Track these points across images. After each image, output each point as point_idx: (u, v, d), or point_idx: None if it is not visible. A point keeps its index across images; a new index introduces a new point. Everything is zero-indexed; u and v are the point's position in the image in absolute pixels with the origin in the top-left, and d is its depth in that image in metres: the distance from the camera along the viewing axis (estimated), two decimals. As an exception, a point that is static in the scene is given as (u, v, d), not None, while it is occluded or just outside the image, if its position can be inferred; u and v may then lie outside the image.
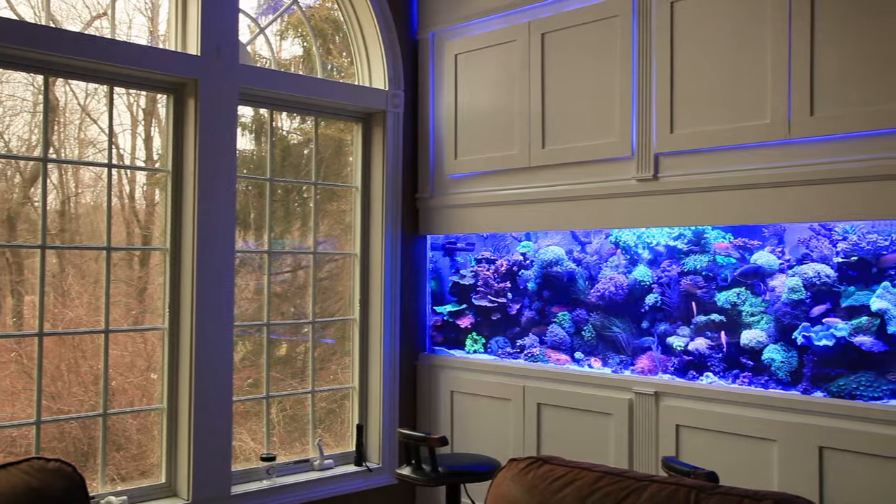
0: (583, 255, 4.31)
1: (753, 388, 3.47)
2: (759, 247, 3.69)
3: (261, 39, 4.35)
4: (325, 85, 4.38)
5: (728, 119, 3.43)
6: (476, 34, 4.43)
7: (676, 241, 3.91)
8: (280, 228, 4.47)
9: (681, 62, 3.58)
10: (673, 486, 2.00)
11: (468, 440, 4.42)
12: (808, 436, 3.18)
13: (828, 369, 3.29)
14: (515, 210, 4.23)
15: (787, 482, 3.20)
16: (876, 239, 3.31)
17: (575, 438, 3.93)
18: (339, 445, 4.57)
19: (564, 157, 4.00)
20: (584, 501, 2.05)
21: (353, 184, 4.66)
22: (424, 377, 4.68)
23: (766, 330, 3.55)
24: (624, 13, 3.77)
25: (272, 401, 4.34)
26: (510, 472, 2.23)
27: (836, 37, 3.14)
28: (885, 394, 3.13)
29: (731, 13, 3.43)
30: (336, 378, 4.61)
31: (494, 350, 4.50)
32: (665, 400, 3.63)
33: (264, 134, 4.36)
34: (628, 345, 4.00)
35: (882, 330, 3.21)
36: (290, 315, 4.49)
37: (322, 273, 4.61)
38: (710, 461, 3.33)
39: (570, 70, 3.99)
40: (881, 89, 3.03)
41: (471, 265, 4.78)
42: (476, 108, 4.43)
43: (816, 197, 3.21)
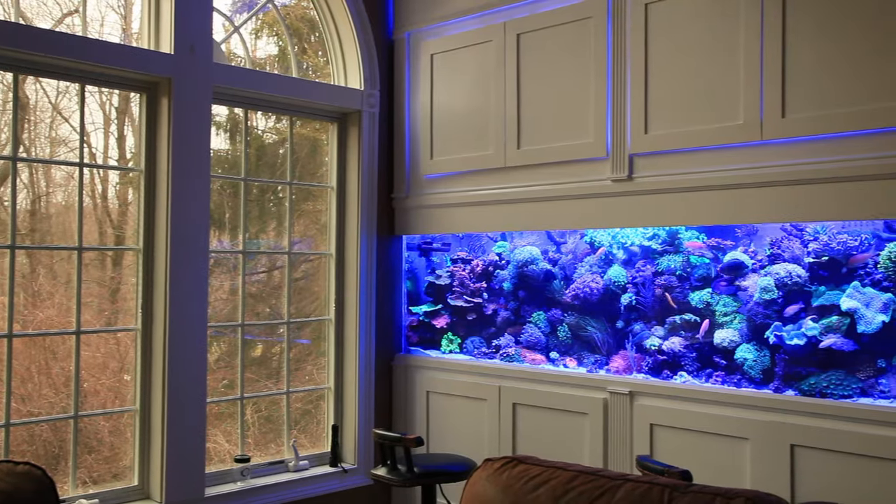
0: (558, 256, 4.32)
1: (726, 387, 3.50)
2: (733, 247, 3.73)
3: (236, 38, 4.32)
4: (301, 84, 4.36)
5: (701, 120, 3.46)
6: (452, 34, 4.43)
7: (651, 241, 3.93)
8: (255, 228, 4.44)
9: (655, 63, 3.61)
10: (647, 484, 2.02)
11: (444, 440, 4.42)
12: (780, 434, 3.21)
13: (799, 368, 3.33)
14: (491, 210, 4.24)
15: (760, 480, 3.24)
16: (846, 239, 3.35)
17: (550, 438, 3.94)
18: (314, 446, 4.55)
19: (540, 157, 4.01)
20: (559, 501, 2.06)
21: (328, 184, 4.64)
22: (400, 377, 4.67)
23: (738, 329, 3.58)
24: (598, 14, 3.79)
25: (247, 402, 4.32)
26: (485, 472, 2.23)
27: (807, 40, 3.17)
28: (855, 392, 3.17)
29: (704, 15, 3.45)
30: (311, 379, 4.60)
31: (470, 350, 4.50)
32: (639, 399, 3.65)
33: (239, 133, 4.33)
34: (603, 344, 4.02)
35: (852, 329, 3.25)
36: (266, 315, 4.46)
37: (297, 273, 4.59)
38: (684, 460, 3.36)
39: (545, 70, 4.01)
40: (850, 92, 3.07)
41: (446, 265, 4.78)
42: (452, 109, 4.44)
43: (788, 198, 3.24)
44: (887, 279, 3.22)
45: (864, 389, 3.18)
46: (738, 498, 1.89)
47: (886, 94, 2.98)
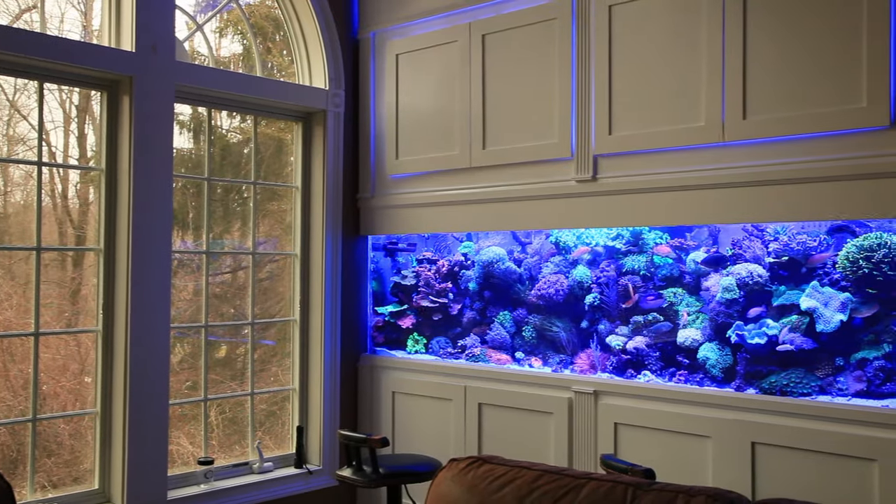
0: (523, 256, 4.34)
1: (689, 386, 3.54)
2: (696, 247, 3.77)
3: (199, 37, 4.28)
4: (265, 83, 4.33)
5: (664, 121, 3.49)
6: (417, 34, 4.43)
7: (615, 241, 3.97)
8: (219, 228, 4.40)
9: (619, 65, 3.64)
10: (610, 483, 2.03)
11: (410, 441, 4.41)
12: (741, 432, 3.26)
13: (760, 367, 3.38)
14: (457, 210, 4.25)
15: (722, 477, 3.28)
16: (805, 240, 3.41)
17: (516, 438, 3.96)
18: (279, 448, 4.52)
19: (505, 157, 4.02)
20: (523, 500, 2.07)
21: (293, 184, 4.62)
22: (366, 378, 4.66)
23: (701, 329, 3.62)
24: (563, 15, 3.81)
25: (211, 403, 4.28)
26: (450, 472, 2.23)
27: (767, 43, 3.22)
28: (814, 390, 3.23)
29: (667, 17, 3.49)
30: (276, 380, 4.56)
31: (436, 350, 4.50)
32: (604, 398, 3.68)
33: (203, 132, 4.29)
34: (568, 344, 4.04)
35: (811, 328, 3.30)
36: (230, 316, 4.42)
37: (262, 274, 4.56)
38: (648, 458, 3.39)
39: (510, 71, 4.02)
40: (809, 94, 3.12)
41: (412, 266, 4.77)
42: (417, 109, 4.43)
43: (749, 199, 3.29)
44: (845, 279, 3.28)
45: (823, 387, 3.24)
46: (699, 496, 1.91)
47: (844, 96, 3.04)
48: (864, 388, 3.14)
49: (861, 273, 3.21)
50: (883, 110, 2.94)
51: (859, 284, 3.24)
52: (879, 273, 3.18)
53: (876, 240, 3.20)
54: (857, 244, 3.24)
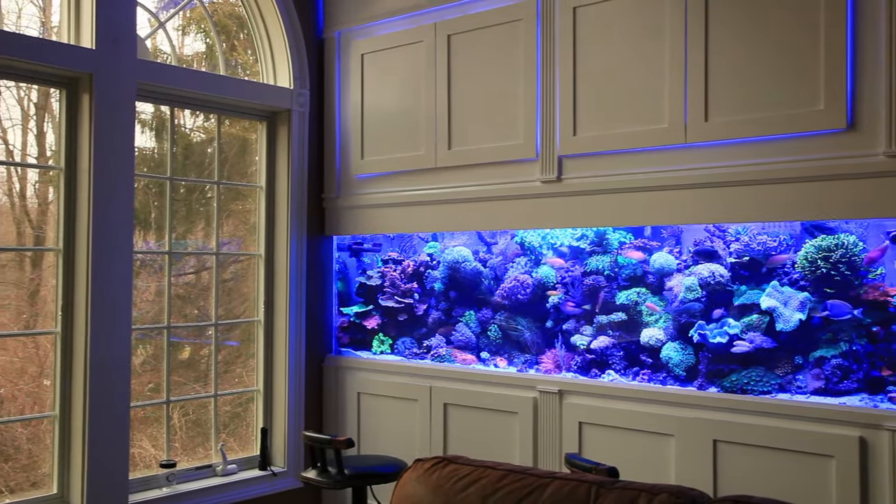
0: (489, 256, 4.35)
1: (652, 385, 3.57)
2: (659, 247, 3.81)
3: (162, 35, 4.23)
4: (228, 82, 4.29)
5: (628, 123, 3.52)
6: (382, 34, 4.42)
7: (579, 241, 3.99)
8: (182, 228, 4.35)
9: (583, 66, 3.66)
10: (574, 482, 2.04)
11: (375, 442, 4.40)
12: (703, 430, 3.30)
13: (721, 365, 3.42)
14: (422, 211, 4.24)
15: (684, 475, 3.31)
16: (765, 240, 3.46)
17: (481, 437, 3.96)
18: (243, 450, 4.48)
19: (470, 158, 4.03)
20: (488, 500, 2.07)
21: (257, 183, 4.58)
22: (331, 379, 4.64)
23: (664, 328, 3.66)
24: (528, 17, 3.82)
25: (175, 406, 4.23)
26: (415, 473, 2.23)
27: (729, 46, 3.26)
28: (774, 388, 3.28)
29: (631, 20, 3.52)
30: (241, 381, 4.52)
31: (401, 351, 4.50)
32: (568, 398, 3.70)
33: (165, 131, 4.23)
34: (533, 344, 4.06)
35: (771, 327, 3.35)
36: (194, 317, 4.37)
37: (226, 274, 4.51)
38: (612, 457, 3.42)
39: (475, 72, 4.03)
40: (769, 97, 3.16)
41: (378, 266, 4.76)
42: (382, 109, 4.42)
43: (711, 199, 3.33)
44: (804, 279, 3.33)
45: (783, 385, 3.29)
46: (662, 493, 1.93)
47: (802, 100, 3.09)
48: (822, 385, 3.19)
49: (819, 273, 3.27)
50: (839, 113, 3.00)
51: (818, 284, 3.29)
52: (837, 273, 3.24)
53: (833, 240, 3.26)
54: (816, 244, 3.30)
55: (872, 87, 2.96)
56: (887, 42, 2.93)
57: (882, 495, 2.91)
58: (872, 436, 2.94)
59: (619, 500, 1.94)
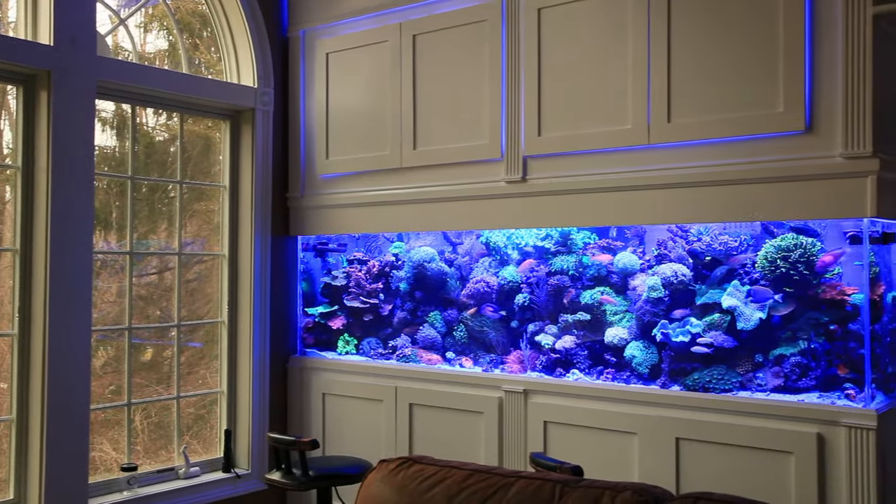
0: (454, 256, 4.35)
1: (616, 383, 3.60)
2: (623, 247, 3.84)
3: (123, 32, 4.17)
4: (191, 81, 4.25)
5: (592, 124, 3.55)
6: (347, 33, 4.40)
7: (544, 241, 4.01)
8: (144, 228, 4.30)
9: (548, 67, 3.68)
10: (539, 481, 2.05)
11: (340, 442, 4.38)
12: (666, 428, 3.33)
13: (684, 364, 3.46)
14: (387, 211, 4.23)
15: (647, 473, 3.34)
16: (727, 240, 3.51)
17: (447, 437, 3.97)
18: (207, 452, 4.44)
19: (436, 158, 4.03)
20: (453, 500, 2.07)
21: (221, 183, 4.53)
22: (295, 380, 4.61)
23: (628, 328, 3.69)
24: (493, 17, 3.83)
25: (136, 408, 4.17)
26: (380, 474, 2.23)
27: (690, 49, 3.30)
28: (735, 386, 3.32)
29: (595, 21, 3.54)
30: (205, 382, 4.48)
31: (366, 351, 4.48)
32: (533, 397, 3.71)
33: (126, 130, 4.17)
34: (498, 344, 4.07)
35: (732, 326, 3.40)
36: (156, 318, 4.32)
37: (190, 275, 4.46)
38: (577, 455, 3.43)
39: (441, 72, 4.03)
40: (730, 100, 3.21)
41: (343, 266, 4.74)
42: (348, 108, 4.41)
43: (674, 200, 3.36)
44: (764, 278, 3.38)
45: (744, 383, 3.33)
46: (625, 491, 1.95)
47: (762, 102, 3.13)
48: (782, 383, 3.24)
49: (779, 272, 3.32)
50: (798, 115, 3.05)
51: (777, 283, 3.34)
52: (796, 272, 3.29)
53: (792, 240, 3.31)
54: (775, 244, 3.35)
55: (830, 90, 3.01)
56: (844, 47, 2.98)
57: (839, 490, 2.97)
58: (830, 432, 2.99)
59: (583, 499, 1.95)
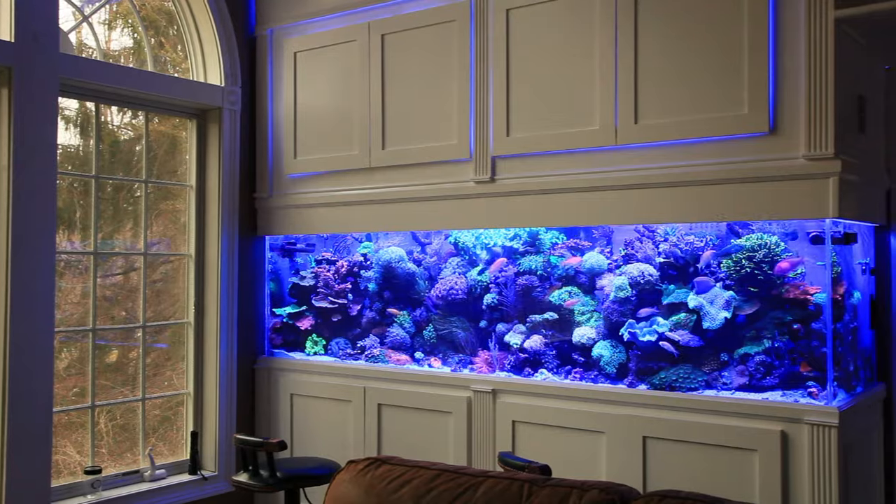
0: (423, 256, 4.35)
1: (584, 383, 3.62)
2: (591, 247, 3.86)
3: (87, 29, 4.11)
4: (156, 79, 4.20)
5: (560, 124, 3.57)
6: (315, 33, 4.38)
7: (513, 241, 4.02)
8: (109, 228, 4.24)
9: (516, 67, 3.69)
10: (507, 480, 2.06)
11: (309, 444, 4.36)
12: (633, 427, 3.36)
13: (651, 363, 3.49)
14: (356, 211, 4.22)
15: (614, 471, 3.37)
16: (693, 240, 3.54)
17: (415, 438, 3.96)
18: (173, 454, 4.39)
19: (404, 158, 4.03)
20: (421, 500, 2.07)
21: (187, 182, 4.49)
22: (263, 381, 4.58)
23: (595, 327, 3.72)
24: (462, 18, 3.84)
25: (101, 410, 4.11)
26: (348, 474, 2.22)
27: (657, 51, 3.33)
28: (701, 385, 3.36)
29: (563, 22, 3.56)
30: (171, 384, 4.43)
31: (335, 352, 4.47)
32: (502, 397, 3.72)
33: (91, 128, 4.12)
34: (467, 344, 4.08)
35: (698, 325, 3.44)
36: (121, 319, 4.26)
37: (156, 275, 4.41)
38: (545, 454, 3.45)
39: (410, 72, 4.03)
40: (696, 101, 3.24)
41: (311, 266, 4.72)
42: (316, 108, 4.39)
43: (641, 201, 3.39)
44: (729, 278, 3.42)
45: (709, 382, 3.37)
46: (592, 490, 1.96)
47: (727, 103, 3.17)
48: (747, 381, 3.29)
49: (744, 272, 3.36)
50: (762, 117, 3.09)
51: (742, 283, 3.39)
52: (760, 272, 3.34)
53: (757, 241, 3.36)
54: (740, 244, 3.39)
55: (793, 92, 3.06)
56: (807, 50, 3.03)
57: (801, 486, 3.01)
58: (793, 430, 3.04)
59: (550, 498, 1.96)
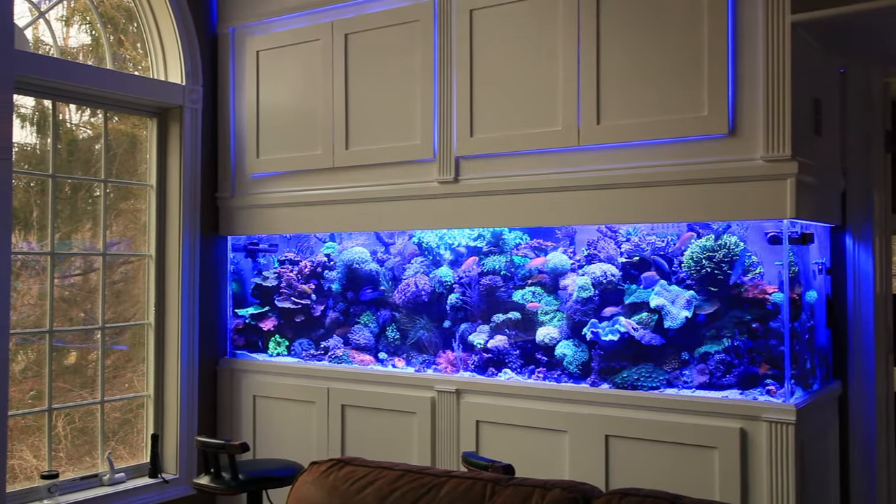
0: (387, 256, 4.34)
1: (547, 382, 3.64)
2: (554, 247, 3.89)
3: (44, 25, 4.04)
4: (115, 77, 4.14)
5: (524, 125, 3.58)
6: (278, 31, 4.35)
7: (476, 241, 4.03)
8: (67, 228, 4.17)
9: (480, 68, 3.70)
10: (470, 480, 2.07)
11: (272, 445, 4.33)
12: (596, 425, 3.39)
13: (613, 362, 3.52)
14: (319, 211, 4.20)
15: (578, 470, 3.39)
16: (654, 240, 3.58)
17: (379, 438, 3.96)
18: (133, 458, 4.33)
19: (368, 158, 4.02)
20: (385, 501, 2.07)
21: (147, 182, 4.43)
22: (225, 382, 4.53)
23: (558, 327, 3.74)
24: (425, 18, 3.84)
25: (59, 413, 4.04)
26: (311, 476, 2.21)
27: (618, 52, 3.36)
28: (662, 383, 3.40)
29: (526, 23, 3.58)
30: (131, 386, 4.37)
31: (298, 352, 4.44)
32: (466, 397, 3.73)
33: (48, 126, 4.04)
34: (431, 344, 4.08)
35: (659, 324, 3.47)
36: (80, 321, 4.20)
37: (116, 276, 4.35)
38: (509, 454, 3.47)
39: (373, 72, 4.01)
40: (657, 103, 3.28)
41: (274, 267, 4.69)
42: (279, 107, 4.36)
43: (603, 201, 3.42)
44: (690, 278, 3.47)
45: (670, 381, 3.41)
46: (555, 489, 1.97)
47: (688, 105, 3.21)
48: (707, 380, 3.33)
49: (704, 272, 3.41)
50: (722, 119, 3.14)
51: (703, 283, 3.43)
52: (720, 272, 3.38)
53: (717, 241, 3.41)
54: (701, 245, 3.44)
55: (751, 95, 3.11)
56: (765, 53, 3.08)
57: (760, 482, 3.06)
58: (752, 427, 3.09)
59: (513, 497, 1.97)
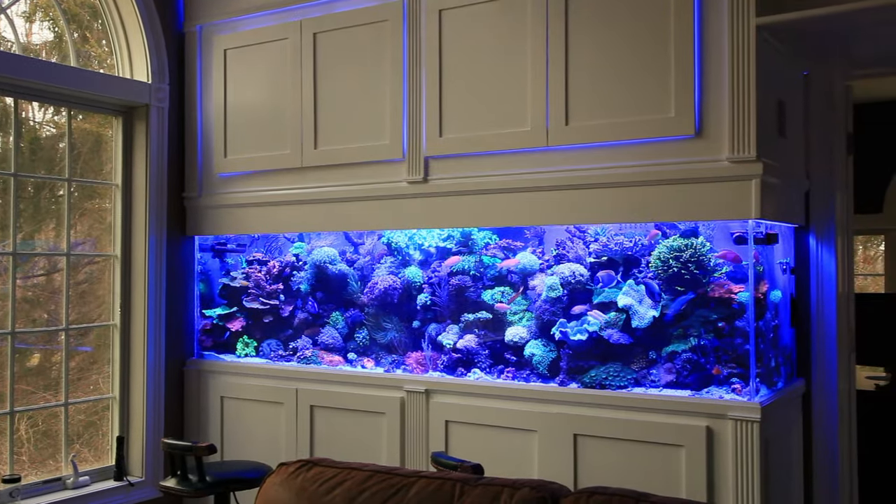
0: (356, 257, 4.33)
1: (517, 382, 3.65)
2: (522, 248, 3.90)
3: (4, 21, 3.97)
4: (79, 74, 4.08)
5: (493, 125, 3.59)
6: (246, 30, 4.32)
7: (446, 241, 4.03)
8: (30, 228, 4.10)
9: (449, 68, 3.70)
10: (439, 480, 2.07)
11: (240, 447, 4.30)
12: (564, 425, 3.40)
13: (581, 362, 3.54)
14: (288, 210, 4.18)
15: (547, 469, 3.41)
16: (622, 241, 3.61)
17: (348, 439, 3.94)
18: (98, 460, 4.28)
19: (337, 158, 4.00)
20: (354, 501, 2.06)
21: (113, 181, 4.38)
22: (192, 383, 4.49)
23: (527, 326, 3.75)
24: (394, 18, 3.83)
25: (22, 416, 3.98)
26: (279, 477, 2.20)
27: (587, 54, 3.38)
28: (630, 382, 3.42)
29: (495, 23, 3.59)
30: (96, 388, 4.31)
31: (267, 353, 4.41)
32: (435, 397, 3.73)
33: (9, 125, 3.98)
34: (400, 344, 4.07)
35: (627, 324, 3.50)
36: (43, 322, 4.13)
37: (80, 276, 4.29)
38: (478, 454, 3.47)
39: (342, 71, 4.00)
40: (625, 104, 3.30)
41: (242, 267, 4.65)
42: (247, 106, 4.32)
43: (571, 201, 3.44)
44: (658, 277, 3.50)
45: (638, 380, 3.44)
46: (523, 488, 1.98)
47: (655, 107, 3.24)
48: (674, 379, 3.36)
49: (671, 272, 3.44)
50: (688, 121, 3.17)
51: (670, 282, 3.46)
52: (687, 272, 3.42)
53: (683, 241, 3.44)
54: (668, 245, 3.47)
55: (717, 96, 3.14)
56: (730, 55, 3.11)
57: (725, 479, 3.10)
58: (718, 425, 3.12)
59: (482, 497, 1.98)
